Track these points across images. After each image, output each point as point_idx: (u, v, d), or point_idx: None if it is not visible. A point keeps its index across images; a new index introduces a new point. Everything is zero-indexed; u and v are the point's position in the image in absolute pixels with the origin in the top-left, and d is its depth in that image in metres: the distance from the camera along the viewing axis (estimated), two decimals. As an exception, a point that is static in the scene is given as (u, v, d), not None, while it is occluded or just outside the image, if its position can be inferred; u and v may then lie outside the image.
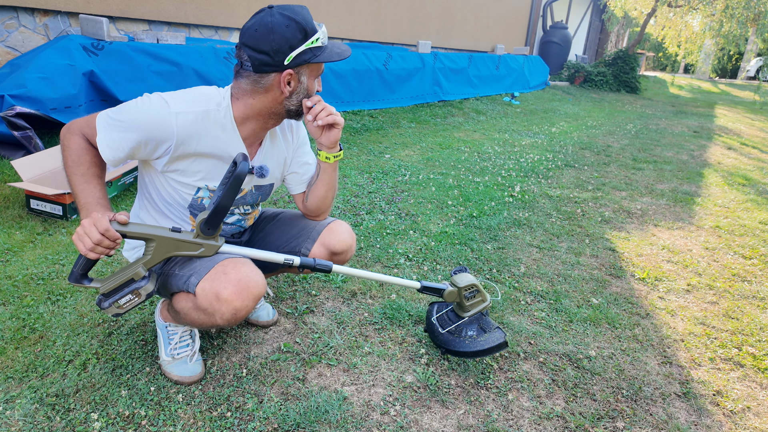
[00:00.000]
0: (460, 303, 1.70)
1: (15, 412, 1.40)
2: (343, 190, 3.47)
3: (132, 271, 1.29)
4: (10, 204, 2.73)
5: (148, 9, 4.89)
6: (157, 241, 1.28)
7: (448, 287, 1.66)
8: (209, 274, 1.34)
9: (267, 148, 1.52)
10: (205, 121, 1.33)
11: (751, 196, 4.17)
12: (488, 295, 1.72)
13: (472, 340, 1.66)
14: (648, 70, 24.66)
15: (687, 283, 2.52)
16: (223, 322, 1.35)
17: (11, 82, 3.30)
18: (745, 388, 1.75)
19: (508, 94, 9.16)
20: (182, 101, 1.31)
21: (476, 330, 1.69)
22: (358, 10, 7.33)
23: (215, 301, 1.31)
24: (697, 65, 22.67)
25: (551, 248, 2.81)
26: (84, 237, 1.22)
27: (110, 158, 1.31)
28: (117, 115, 1.30)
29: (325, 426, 1.44)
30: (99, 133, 1.30)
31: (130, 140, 1.28)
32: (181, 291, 1.41)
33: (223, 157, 1.40)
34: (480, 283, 1.69)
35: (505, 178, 4.16)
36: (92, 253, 1.23)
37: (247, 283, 1.33)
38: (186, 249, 1.31)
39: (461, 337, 1.68)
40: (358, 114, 5.89)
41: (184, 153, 1.34)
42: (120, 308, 1.30)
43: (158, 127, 1.28)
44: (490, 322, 1.71)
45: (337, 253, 1.64)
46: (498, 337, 1.65)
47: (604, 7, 14.77)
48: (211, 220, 1.28)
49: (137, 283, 1.29)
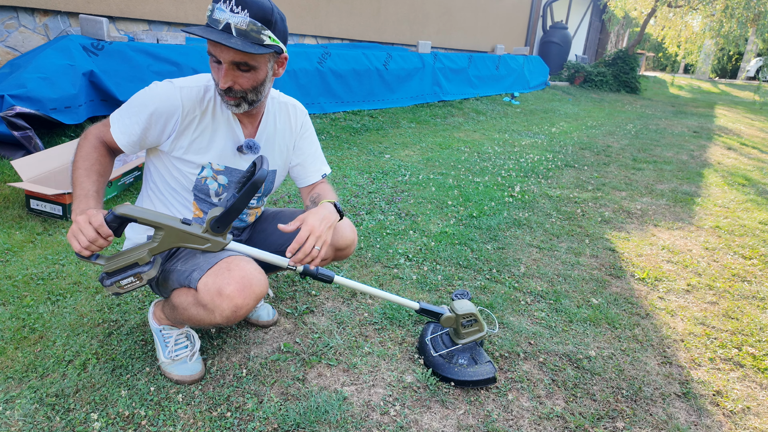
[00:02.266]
0: (456, 330, 1.68)
1: (15, 412, 1.40)
2: (343, 190, 3.47)
3: (137, 255, 1.30)
4: (10, 204, 2.73)
5: (148, 9, 4.89)
6: (166, 230, 1.28)
7: (446, 312, 1.65)
8: (212, 270, 1.35)
9: (269, 133, 1.56)
10: (207, 96, 1.42)
11: (751, 196, 4.17)
12: (485, 326, 1.70)
13: (462, 369, 1.64)
14: (648, 71, 24.67)
15: (687, 283, 2.52)
16: (222, 319, 1.34)
17: (11, 82, 3.30)
18: (745, 388, 1.75)
19: (508, 94, 9.16)
20: (186, 79, 1.43)
21: (468, 359, 1.67)
22: (358, 10, 7.33)
23: (217, 296, 1.31)
24: (697, 65, 22.68)
25: (551, 248, 2.81)
26: (78, 234, 1.21)
27: (124, 143, 1.38)
28: (127, 104, 1.40)
29: (325, 426, 1.44)
30: (112, 125, 1.39)
31: (141, 120, 1.36)
32: (182, 286, 1.42)
33: (221, 133, 1.46)
34: (479, 313, 1.68)
35: (505, 178, 4.16)
36: (86, 251, 1.22)
37: (250, 281, 1.33)
38: (193, 242, 1.31)
39: (452, 363, 1.66)
40: (358, 114, 5.89)
41: (189, 126, 1.41)
42: (121, 288, 1.32)
43: (165, 101, 1.36)
44: (483, 354, 1.69)
45: (340, 248, 1.65)
46: (488, 371, 1.64)
47: (604, 8, 14.77)
48: (223, 219, 1.29)
49: (141, 268, 1.31)
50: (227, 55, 1.29)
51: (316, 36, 6.92)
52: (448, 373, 1.64)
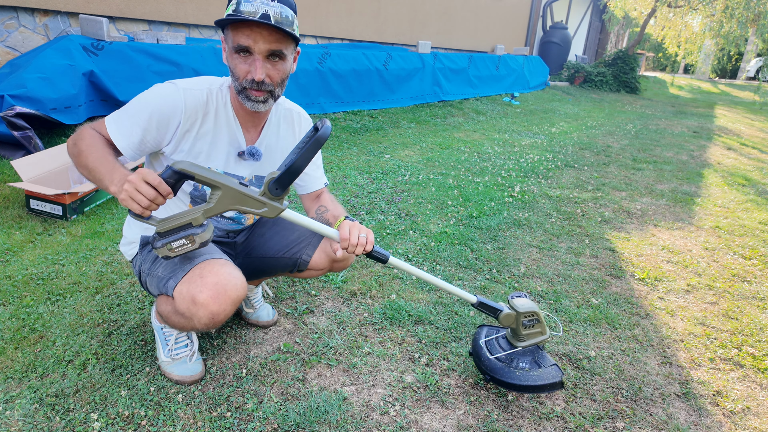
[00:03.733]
0: (515, 330, 1.53)
1: (15, 412, 1.40)
2: (343, 190, 3.47)
3: (191, 216, 1.24)
4: (10, 204, 2.73)
5: (148, 9, 4.89)
6: (223, 190, 1.23)
7: (506, 309, 1.52)
8: (186, 277, 1.31)
9: (271, 137, 1.54)
10: (210, 99, 1.40)
11: (750, 197, 4.17)
12: (548, 329, 1.56)
13: (524, 373, 1.49)
14: (648, 71, 24.67)
15: (687, 283, 2.52)
16: (201, 326, 1.32)
17: (11, 82, 3.30)
18: (745, 389, 1.75)
19: (508, 94, 9.16)
20: (188, 81, 1.39)
21: (530, 363, 1.52)
22: (358, 10, 7.33)
23: (192, 305, 1.28)
24: (697, 65, 22.68)
25: (551, 248, 2.81)
26: (136, 195, 1.14)
27: (124, 146, 1.32)
28: (126, 107, 1.36)
29: (324, 426, 1.44)
30: (109, 127, 1.33)
31: (141, 122, 1.31)
32: (161, 294, 1.40)
33: (223, 138, 1.43)
34: (541, 312, 1.53)
35: (505, 178, 4.16)
36: (147, 211, 1.17)
37: (224, 287, 1.29)
38: (250, 205, 1.25)
39: (511, 366, 1.51)
40: (358, 114, 5.89)
41: (191, 129, 1.38)
42: (171, 251, 1.26)
43: (167, 102, 1.33)
44: (546, 357, 1.54)
45: (338, 260, 1.63)
46: (554, 374, 1.48)
47: (604, 8, 14.77)
48: (282, 179, 1.22)
49: (194, 229, 1.25)
50: (265, 45, 1.25)
51: (316, 36, 6.92)
52: (509, 378, 1.49)
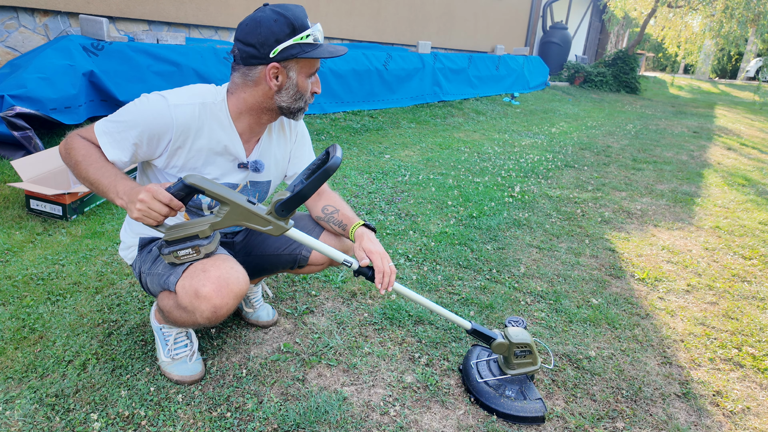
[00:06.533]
0: (507, 358, 1.57)
1: (15, 412, 1.40)
2: (342, 190, 3.47)
3: (199, 228, 1.29)
4: (9, 204, 2.73)
5: (148, 9, 4.89)
6: (231, 206, 1.27)
7: (499, 338, 1.55)
8: (188, 272, 1.33)
9: (265, 144, 1.53)
10: (203, 114, 1.36)
11: (750, 197, 4.17)
12: (539, 359, 1.59)
13: (509, 402, 1.53)
14: (648, 71, 24.68)
15: (687, 283, 2.52)
16: (204, 320, 1.33)
17: (11, 82, 3.30)
18: (745, 389, 1.75)
19: (508, 94, 9.16)
20: (180, 95, 1.34)
21: (516, 392, 1.56)
22: (358, 10, 7.33)
23: (194, 298, 1.30)
24: (697, 66, 22.69)
25: (551, 248, 2.81)
26: (151, 213, 1.21)
27: (115, 158, 1.31)
28: (116, 118, 1.33)
29: (324, 426, 1.44)
30: (100, 138, 1.31)
31: (131, 137, 1.30)
32: (163, 289, 1.41)
33: (220, 152, 1.42)
34: (534, 345, 1.56)
35: (505, 178, 4.16)
36: (160, 225, 1.26)
37: (227, 280, 1.31)
38: (256, 222, 1.29)
39: (498, 392, 1.56)
40: (358, 114, 5.89)
41: (183, 146, 1.35)
42: (177, 259, 1.31)
43: (158, 120, 1.30)
44: (533, 389, 1.59)
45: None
46: (536, 409, 1.52)
47: (604, 8, 14.77)
48: (289, 204, 1.26)
49: (200, 240, 1.30)
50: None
51: (316, 36, 6.92)
52: (494, 404, 1.54)
